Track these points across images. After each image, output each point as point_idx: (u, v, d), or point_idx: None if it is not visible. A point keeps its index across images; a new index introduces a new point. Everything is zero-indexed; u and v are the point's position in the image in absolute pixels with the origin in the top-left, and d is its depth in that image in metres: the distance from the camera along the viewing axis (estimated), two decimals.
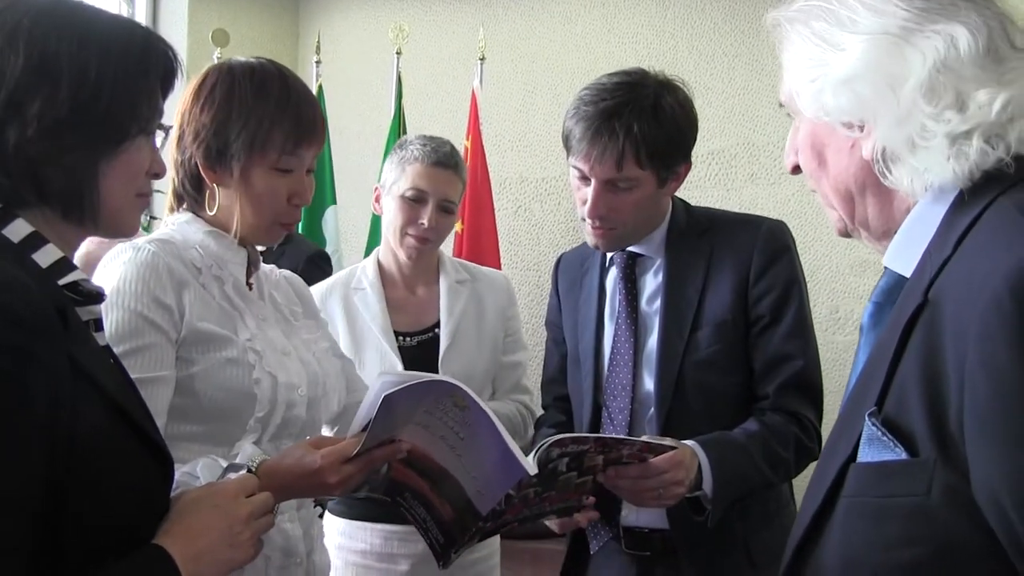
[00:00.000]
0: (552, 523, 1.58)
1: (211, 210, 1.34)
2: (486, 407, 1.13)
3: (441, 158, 1.86)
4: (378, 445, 1.19)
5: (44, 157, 0.89)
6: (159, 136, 1.01)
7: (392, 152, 1.94)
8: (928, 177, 0.84)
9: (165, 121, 1.01)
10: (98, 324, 0.98)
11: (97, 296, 0.96)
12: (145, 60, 0.96)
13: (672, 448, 1.34)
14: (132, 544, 0.90)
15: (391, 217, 1.89)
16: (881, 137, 0.85)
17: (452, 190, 1.87)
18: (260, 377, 1.29)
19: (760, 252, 1.54)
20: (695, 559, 1.52)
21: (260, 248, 1.45)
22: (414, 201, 1.85)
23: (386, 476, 1.28)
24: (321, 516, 1.82)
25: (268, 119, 1.30)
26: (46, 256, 0.90)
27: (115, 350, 1.19)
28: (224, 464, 1.16)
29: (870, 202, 0.91)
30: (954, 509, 0.73)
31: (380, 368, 1.84)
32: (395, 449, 1.21)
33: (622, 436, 1.32)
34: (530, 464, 1.13)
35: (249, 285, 1.39)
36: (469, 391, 1.14)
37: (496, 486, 1.18)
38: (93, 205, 0.93)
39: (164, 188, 1.35)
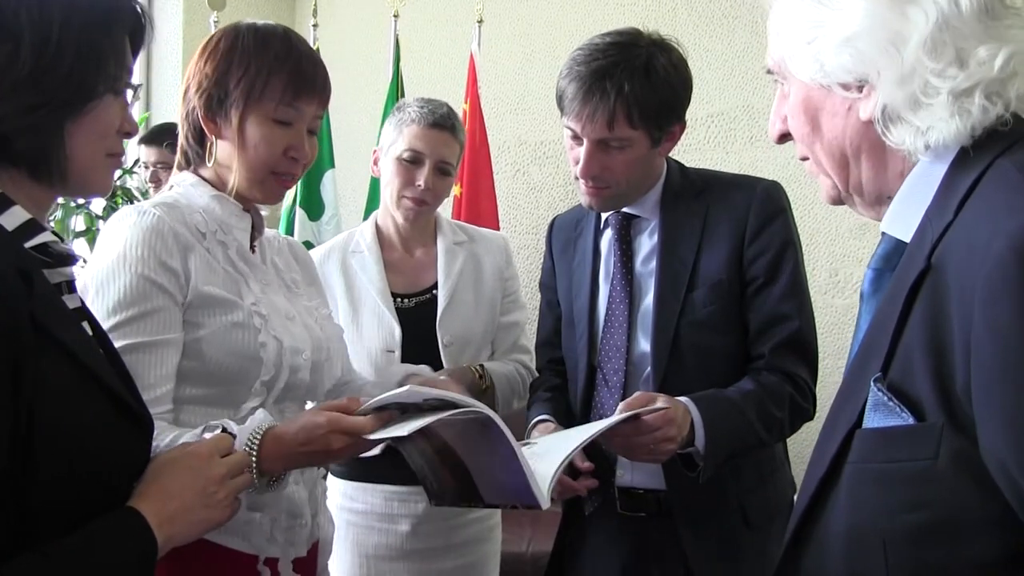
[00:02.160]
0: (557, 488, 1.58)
1: (209, 162, 1.34)
2: (509, 434, 1.11)
3: (438, 119, 1.85)
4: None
5: (7, 118, 0.87)
6: (130, 95, 0.99)
7: (390, 114, 1.94)
8: (931, 136, 0.83)
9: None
10: (70, 286, 0.97)
11: (68, 258, 0.95)
12: (111, 17, 0.94)
13: (663, 409, 1.34)
14: (112, 503, 0.90)
15: (388, 179, 1.88)
16: (883, 96, 0.84)
17: (449, 152, 1.86)
18: (266, 341, 1.29)
19: (756, 213, 1.54)
20: (690, 519, 1.53)
21: (264, 212, 1.45)
22: (411, 163, 1.84)
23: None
24: (324, 478, 1.84)
25: (267, 68, 1.30)
26: (12, 218, 0.90)
27: (122, 315, 1.20)
28: (234, 427, 1.17)
29: (865, 166, 0.90)
30: (962, 473, 0.73)
31: (378, 332, 1.85)
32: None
33: (608, 429, 1.32)
34: (545, 497, 1.12)
35: (252, 250, 1.40)
36: (502, 425, 1.11)
37: (505, 496, 1.18)
38: (61, 165, 0.92)
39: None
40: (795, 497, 1.66)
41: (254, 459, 1.14)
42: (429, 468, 1.27)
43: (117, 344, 1.18)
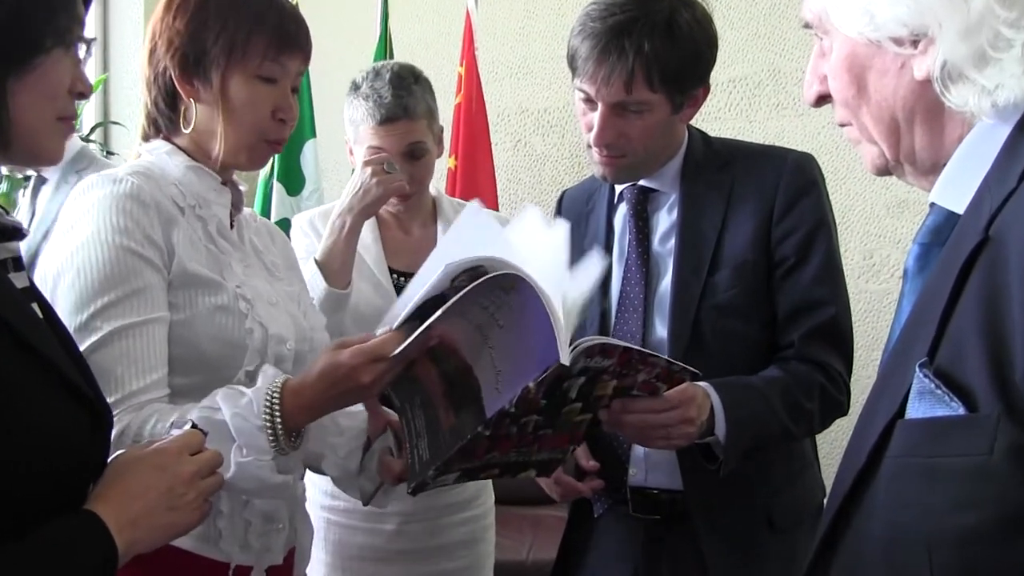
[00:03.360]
0: (552, 491, 1.59)
1: (187, 128, 1.33)
2: (539, 287, 1.12)
3: (388, 114, 1.82)
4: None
5: None
6: (82, 51, 0.98)
7: (344, 102, 1.92)
8: (999, 95, 0.81)
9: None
10: (17, 263, 0.96)
11: (13, 232, 0.94)
12: None
13: (695, 375, 1.34)
14: (66, 504, 0.89)
15: None
16: (944, 51, 0.82)
17: (413, 135, 1.85)
18: (252, 327, 1.30)
19: (785, 187, 1.54)
20: (710, 523, 1.54)
21: (243, 187, 1.45)
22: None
23: (408, 370, 1.28)
24: (302, 477, 1.85)
25: (248, 22, 1.30)
26: None
27: (110, 295, 1.20)
28: (247, 393, 1.18)
29: (918, 131, 0.89)
30: (1020, 470, 0.72)
31: (371, 300, 1.85)
32: (428, 339, 1.21)
33: (648, 351, 1.31)
34: (566, 352, 1.12)
35: (232, 226, 1.40)
36: (528, 276, 1.12)
37: (521, 376, 1.16)
38: (3, 128, 0.90)
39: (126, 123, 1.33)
40: (825, 501, 1.68)
41: (278, 418, 1.16)
42: (427, 421, 1.27)
43: (106, 328, 1.18)
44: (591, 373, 1.24)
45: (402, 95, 1.83)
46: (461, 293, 1.13)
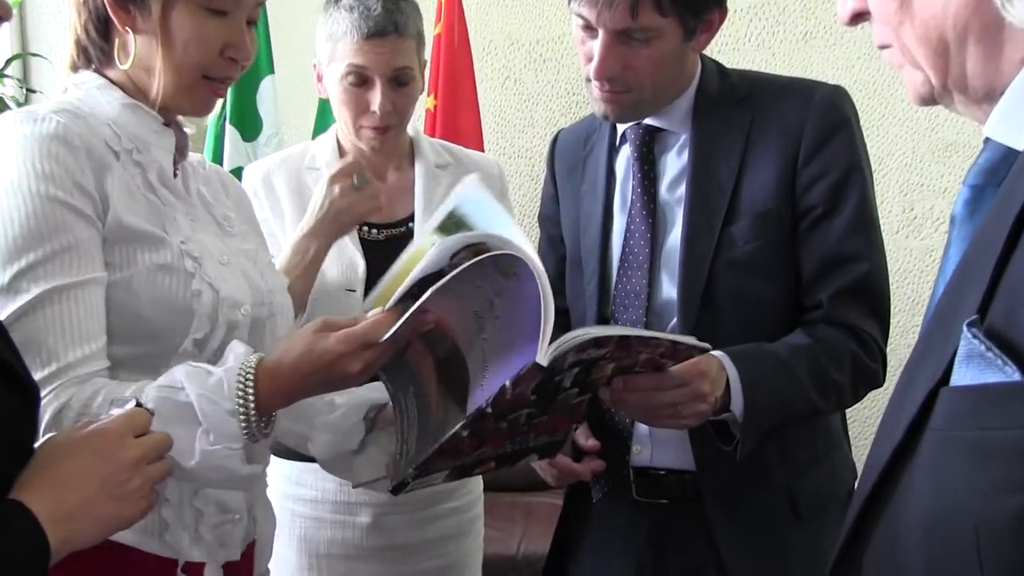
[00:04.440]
0: (547, 474, 1.59)
1: (123, 63, 1.32)
2: (539, 272, 1.14)
3: (375, 27, 1.80)
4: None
5: None
6: None
7: (320, 16, 1.90)
8: None
9: None
10: None
11: None
12: None
13: (704, 350, 1.34)
14: None
15: (337, 106, 1.88)
16: None
17: (403, 56, 1.83)
18: (200, 289, 1.29)
19: (813, 125, 1.53)
20: (725, 508, 1.55)
21: (188, 130, 1.43)
22: (357, 85, 1.83)
23: (402, 355, 1.29)
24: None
25: None
26: None
27: (36, 253, 1.18)
28: (216, 372, 1.18)
29: (971, 53, 0.88)
30: None
31: (337, 266, 1.86)
32: (423, 321, 1.22)
33: (648, 333, 1.32)
34: (545, 351, 1.13)
35: (175, 175, 1.39)
36: (531, 259, 1.14)
37: (503, 373, 1.18)
38: None
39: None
40: (857, 484, 1.68)
41: (252, 402, 1.16)
42: (419, 410, 1.28)
43: (34, 291, 1.17)
44: (585, 364, 1.25)
45: (392, 9, 1.82)
46: (459, 268, 1.15)
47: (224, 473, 1.17)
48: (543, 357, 1.13)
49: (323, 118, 3.41)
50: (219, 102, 1.67)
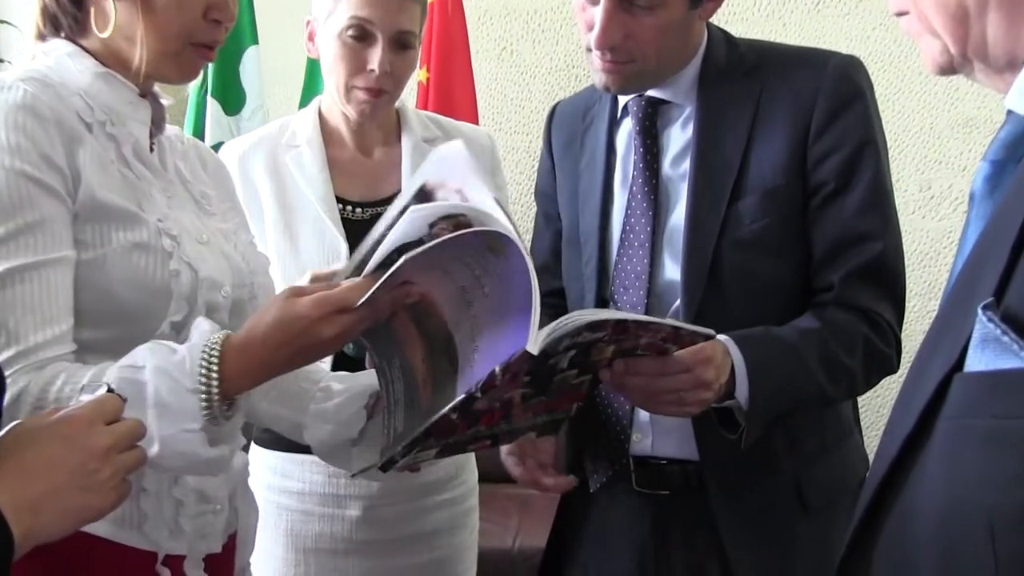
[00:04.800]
0: (513, 469, 1.60)
1: (102, 32, 1.30)
2: (527, 254, 1.14)
3: None
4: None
5: None
6: None
7: None
8: None
9: None
10: None
11: None
12: None
13: (708, 336, 1.34)
14: None
15: (331, 63, 1.86)
16: None
17: (408, 17, 1.83)
18: (179, 269, 1.29)
19: (826, 97, 1.53)
20: (729, 499, 1.55)
21: (165, 101, 1.43)
22: (358, 40, 1.81)
23: (387, 327, 1.29)
24: (246, 448, 1.85)
25: None
26: None
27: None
28: (179, 349, 1.17)
29: (992, 19, 0.88)
30: None
31: (318, 248, 1.86)
32: (405, 293, 1.22)
33: (647, 318, 1.31)
34: (534, 342, 1.13)
35: (151, 149, 1.38)
36: (519, 241, 1.14)
37: (493, 356, 1.18)
38: None
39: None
40: (867, 474, 1.68)
41: (215, 381, 1.15)
42: (406, 388, 1.28)
43: None
44: (582, 346, 1.25)
45: None
46: (440, 239, 1.14)
47: (184, 458, 1.16)
48: (533, 344, 1.12)
49: (310, 89, 3.41)
50: (201, 74, 1.66)
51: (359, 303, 1.17)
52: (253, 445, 1.96)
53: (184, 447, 1.15)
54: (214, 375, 1.16)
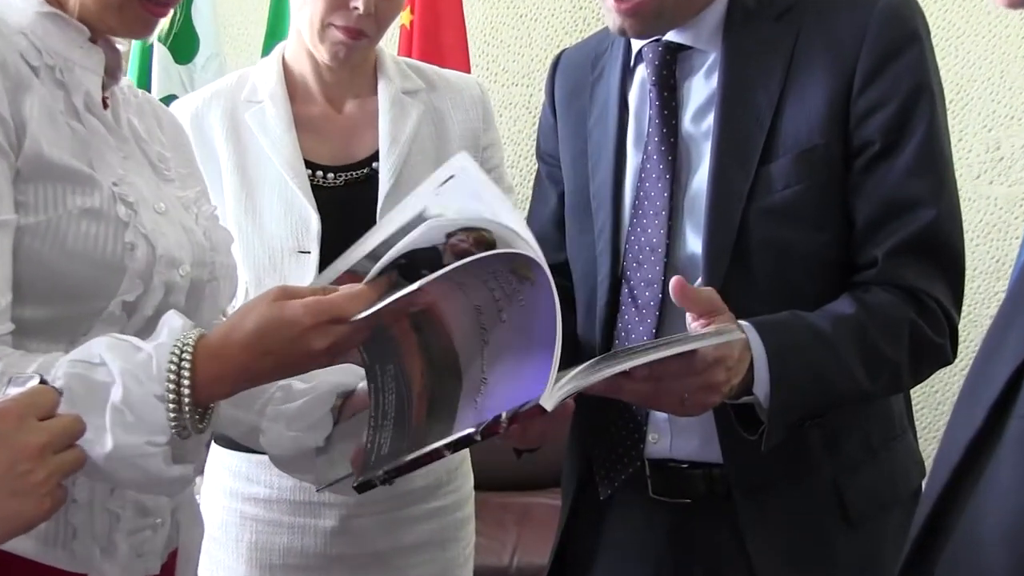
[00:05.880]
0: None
1: None
2: (557, 297, 1.15)
3: None
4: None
5: None
6: None
7: None
8: None
9: None
10: None
11: None
12: None
13: (732, 331, 1.35)
14: None
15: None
16: None
17: None
18: (134, 242, 1.29)
19: (873, 42, 1.53)
20: (759, 509, 1.55)
21: (121, 47, 1.43)
22: None
23: (384, 331, 1.30)
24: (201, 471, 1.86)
25: None
26: None
27: None
28: (144, 347, 1.17)
29: None
30: None
31: (284, 222, 1.87)
32: (409, 302, 1.22)
33: (677, 345, 1.31)
34: (549, 396, 1.14)
35: (104, 103, 1.38)
36: (545, 267, 1.15)
37: (502, 397, 1.19)
38: None
39: None
40: (925, 481, 1.69)
41: (186, 387, 1.15)
42: (398, 400, 1.29)
43: None
44: None
45: None
46: (469, 259, 1.15)
47: (141, 472, 1.15)
48: (549, 398, 1.13)
49: (275, 35, 3.40)
50: None
51: (360, 316, 1.18)
52: (212, 445, 1.96)
53: (144, 462, 1.15)
54: (185, 380, 1.15)
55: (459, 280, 1.20)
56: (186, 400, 1.16)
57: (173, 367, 1.15)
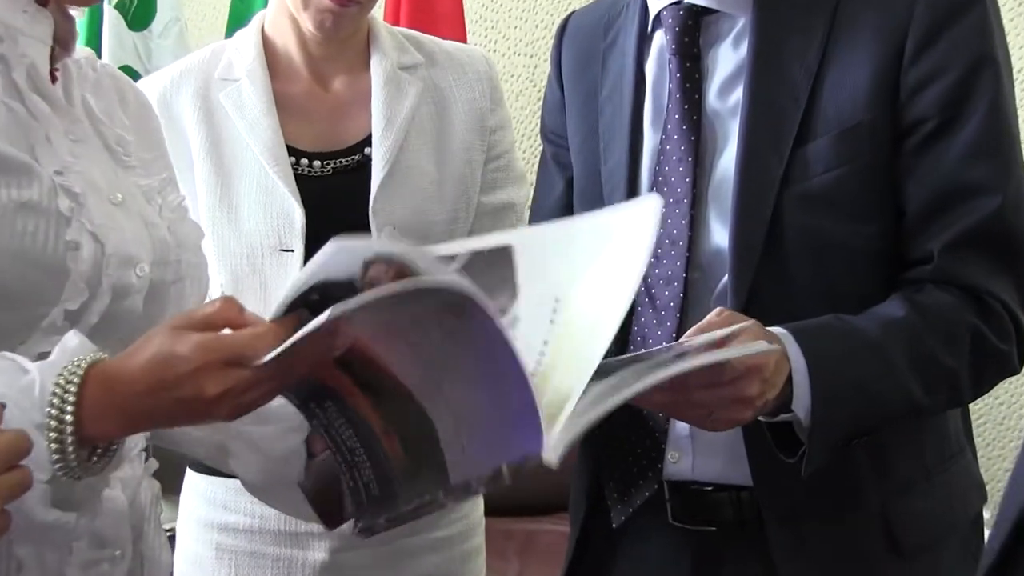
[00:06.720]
0: None
1: None
2: (505, 331, 1.12)
3: None
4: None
5: None
6: None
7: None
8: None
9: None
10: None
11: None
12: None
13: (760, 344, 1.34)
14: None
15: None
16: None
17: None
18: (78, 240, 1.28)
19: (927, 5, 1.53)
20: (794, 539, 1.55)
21: (75, 13, 1.42)
22: None
23: (306, 380, 1.28)
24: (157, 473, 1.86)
25: None
26: None
27: None
28: (31, 370, 1.15)
29: None
30: None
31: (264, 216, 1.87)
32: (328, 345, 1.17)
33: (696, 359, 1.30)
34: (553, 447, 1.13)
35: (53, 78, 1.38)
36: (482, 300, 1.11)
37: (490, 449, 1.19)
38: None
39: None
40: (986, 509, 1.68)
41: (69, 415, 1.13)
42: (357, 435, 1.29)
43: None
44: None
45: None
46: (384, 294, 1.10)
47: (10, 512, 1.11)
48: (553, 451, 1.12)
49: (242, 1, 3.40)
50: None
51: (263, 361, 1.14)
52: (188, 471, 1.98)
53: (16, 501, 1.10)
54: (68, 409, 1.12)
55: (385, 318, 1.17)
56: (69, 432, 1.12)
57: (58, 392, 1.13)
